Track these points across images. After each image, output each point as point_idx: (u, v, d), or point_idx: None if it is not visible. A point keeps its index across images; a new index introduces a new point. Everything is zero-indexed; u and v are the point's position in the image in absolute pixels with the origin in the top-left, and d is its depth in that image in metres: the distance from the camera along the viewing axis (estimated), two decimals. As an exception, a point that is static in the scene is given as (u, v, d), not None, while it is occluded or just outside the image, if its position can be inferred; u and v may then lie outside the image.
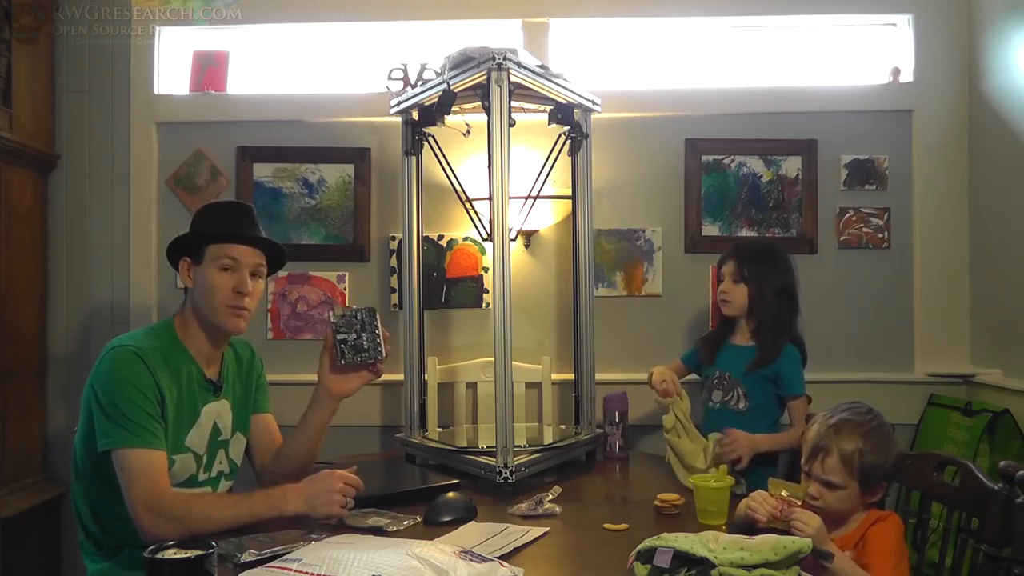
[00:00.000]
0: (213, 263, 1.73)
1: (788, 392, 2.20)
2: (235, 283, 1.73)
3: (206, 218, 1.80)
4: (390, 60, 2.81)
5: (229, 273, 1.73)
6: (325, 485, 1.60)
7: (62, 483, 2.75)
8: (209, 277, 1.72)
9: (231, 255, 1.73)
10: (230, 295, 1.72)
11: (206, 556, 1.10)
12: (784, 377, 2.18)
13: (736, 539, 1.26)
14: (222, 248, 1.73)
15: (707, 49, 2.93)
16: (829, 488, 1.53)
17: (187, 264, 1.76)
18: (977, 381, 2.69)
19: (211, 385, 1.78)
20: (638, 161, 2.84)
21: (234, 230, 1.75)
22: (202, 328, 1.76)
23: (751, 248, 2.31)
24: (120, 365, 1.63)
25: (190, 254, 1.76)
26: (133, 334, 1.76)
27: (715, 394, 2.27)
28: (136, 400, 1.60)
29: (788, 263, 2.27)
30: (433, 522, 1.64)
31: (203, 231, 1.76)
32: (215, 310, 1.73)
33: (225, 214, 1.81)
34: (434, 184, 2.64)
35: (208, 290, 1.72)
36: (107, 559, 1.71)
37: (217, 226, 1.76)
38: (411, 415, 2.45)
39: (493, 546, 1.45)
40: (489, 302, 2.79)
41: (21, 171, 2.65)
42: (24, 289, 2.67)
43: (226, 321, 1.74)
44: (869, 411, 1.60)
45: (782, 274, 2.24)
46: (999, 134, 2.61)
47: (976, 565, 1.51)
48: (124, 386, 1.60)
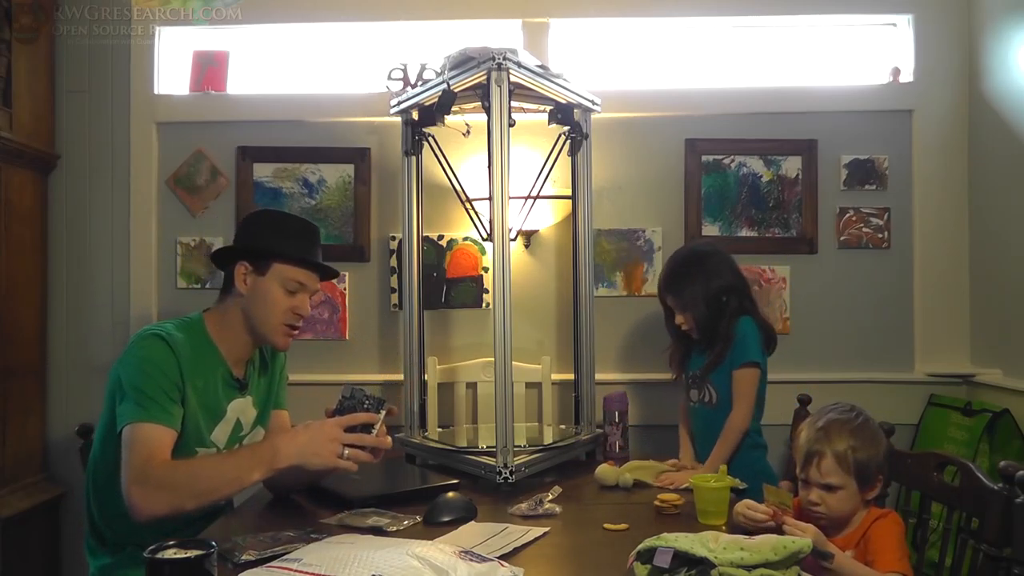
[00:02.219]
0: (279, 281, 1.72)
1: (735, 361, 2.13)
2: (296, 305, 1.74)
3: (279, 232, 1.76)
4: (390, 60, 2.81)
5: (292, 294, 1.73)
6: (319, 433, 1.52)
7: (62, 483, 2.76)
8: (271, 293, 1.72)
9: (300, 280, 1.74)
10: (289, 315, 1.74)
11: (206, 556, 1.09)
12: (734, 348, 2.14)
13: (736, 539, 1.26)
14: (293, 271, 1.73)
15: (707, 49, 2.93)
16: (829, 491, 1.54)
17: (246, 270, 1.73)
18: (977, 381, 2.69)
19: (237, 383, 1.77)
20: (638, 161, 2.84)
21: (310, 256, 1.75)
22: (246, 332, 1.75)
23: (668, 277, 2.24)
24: (146, 347, 1.62)
25: (251, 261, 1.73)
26: (163, 324, 1.73)
27: (692, 393, 2.28)
28: (155, 377, 1.59)
29: (708, 264, 2.20)
30: (433, 522, 1.64)
31: (280, 250, 1.73)
32: (270, 327, 1.73)
33: (301, 236, 1.78)
34: (434, 184, 2.64)
35: (268, 305, 1.72)
36: (110, 555, 1.71)
37: (293, 247, 1.74)
38: (411, 415, 2.45)
39: (493, 546, 1.45)
40: (489, 302, 2.79)
41: (21, 171, 2.65)
42: (24, 289, 2.67)
43: (278, 339, 1.75)
44: (852, 408, 1.62)
45: (705, 280, 2.17)
46: (999, 134, 2.61)
47: (976, 565, 1.51)
48: (145, 364, 1.60)
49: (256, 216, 1.87)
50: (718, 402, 2.19)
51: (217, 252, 1.81)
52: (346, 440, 1.53)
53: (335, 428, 1.54)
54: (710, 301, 2.17)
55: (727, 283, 2.19)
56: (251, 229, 1.79)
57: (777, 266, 2.82)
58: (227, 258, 1.78)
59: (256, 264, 1.73)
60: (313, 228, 1.85)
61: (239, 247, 1.77)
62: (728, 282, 2.20)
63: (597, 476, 1.99)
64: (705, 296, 2.17)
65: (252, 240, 1.76)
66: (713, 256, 2.25)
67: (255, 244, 1.74)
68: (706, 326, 2.18)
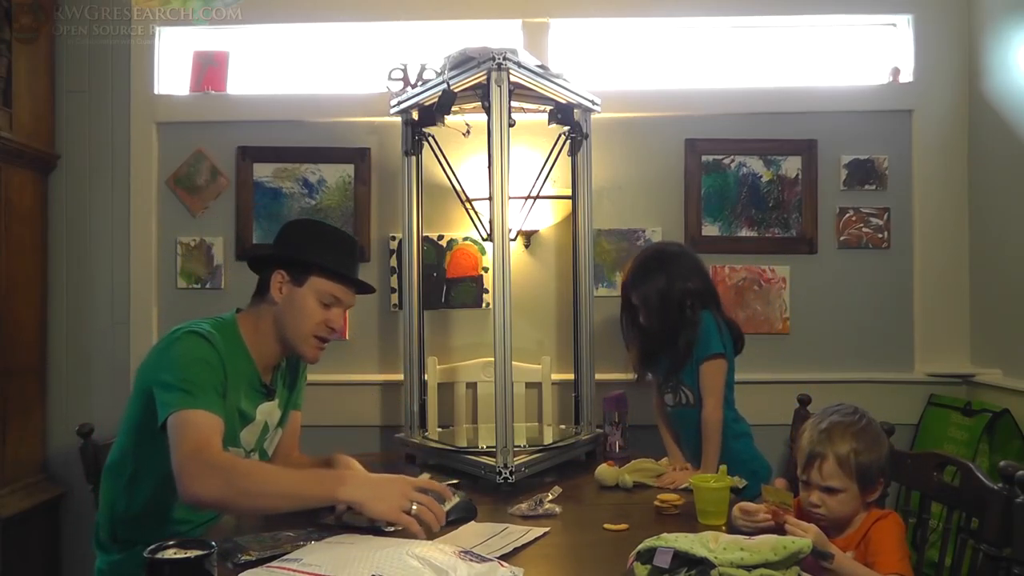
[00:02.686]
0: (316, 294, 1.71)
1: (699, 356, 2.11)
2: (329, 318, 1.72)
3: (319, 244, 1.74)
4: (390, 60, 2.81)
5: (327, 307, 1.72)
6: (393, 483, 1.48)
7: (62, 483, 2.76)
8: (307, 304, 1.70)
9: (337, 294, 1.72)
10: (322, 328, 1.72)
11: (206, 556, 1.09)
12: (698, 344, 2.11)
13: (736, 539, 1.26)
14: (331, 285, 1.72)
15: (707, 49, 2.93)
16: (830, 493, 1.53)
17: (283, 278, 1.71)
18: (977, 381, 2.69)
19: (265, 389, 1.76)
20: (638, 161, 2.84)
21: (349, 271, 1.74)
22: (276, 340, 1.74)
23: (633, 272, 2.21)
24: (189, 343, 1.60)
25: (289, 269, 1.71)
26: (199, 323, 1.69)
27: (667, 397, 2.25)
28: (201, 371, 1.56)
29: (675, 264, 2.17)
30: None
31: (319, 263, 1.71)
32: (301, 337, 1.71)
33: (341, 250, 1.76)
34: (434, 184, 2.64)
35: (302, 316, 1.70)
36: (119, 552, 1.70)
37: (332, 261, 1.72)
38: (411, 415, 2.45)
39: (493, 546, 1.45)
40: (489, 302, 2.79)
41: (21, 171, 2.65)
42: (24, 289, 2.67)
43: (308, 351, 1.74)
44: (856, 411, 1.61)
45: (669, 280, 2.14)
46: (999, 134, 2.61)
47: (976, 565, 1.51)
48: (190, 359, 1.57)
49: (297, 225, 1.86)
50: (696, 402, 2.16)
51: (255, 257, 1.80)
52: (416, 499, 1.47)
53: (409, 485, 1.49)
54: (671, 302, 2.13)
55: (694, 287, 2.16)
56: (291, 238, 1.77)
57: (777, 266, 2.82)
58: (264, 263, 1.76)
59: (293, 274, 1.71)
60: (352, 242, 1.84)
61: (278, 255, 1.74)
62: (694, 286, 2.16)
63: (597, 476, 1.99)
64: (667, 295, 2.13)
65: (292, 250, 1.74)
66: (681, 257, 2.21)
67: (295, 254, 1.72)
68: (663, 326, 2.15)
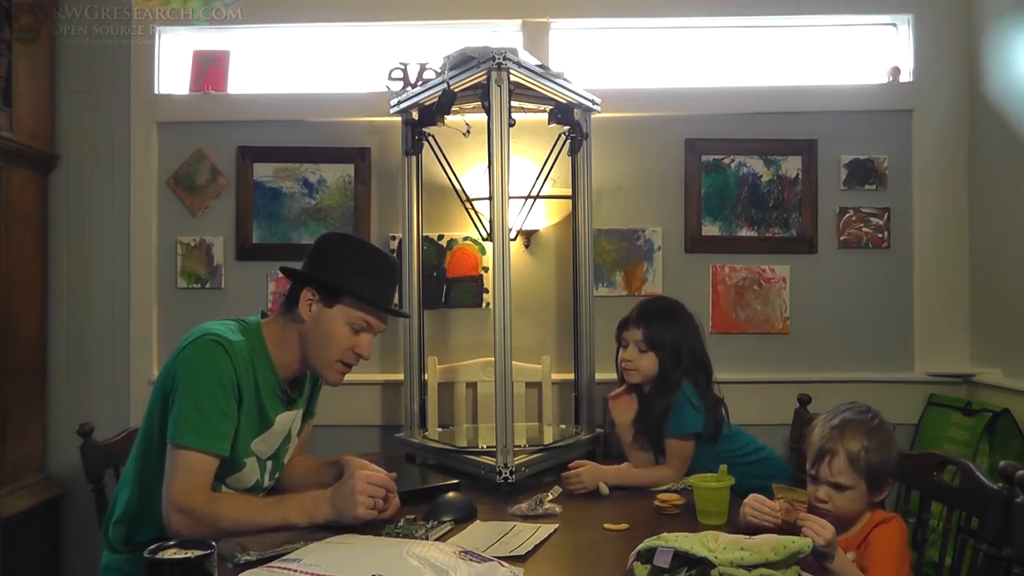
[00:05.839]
0: (346, 319, 1.64)
1: (668, 430, 2.02)
2: (357, 344, 1.66)
3: (357, 268, 1.66)
4: (390, 60, 2.81)
5: (356, 333, 1.66)
6: (347, 488, 1.54)
7: (62, 483, 2.76)
8: (336, 328, 1.64)
9: (370, 321, 1.66)
10: (348, 354, 1.66)
11: (206, 556, 1.09)
12: (670, 417, 2.03)
13: (736, 539, 1.26)
14: (363, 314, 1.65)
15: (707, 49, 2.93)
16: (838, 490, 1.53)
17: (312, 296, 1.64)
18: (977, 381, 2.69)
19: (286, 397, 1.72)
20: (638, 161, 2.84)
21: (384, 301, 1.68)
22: (298, 358, 1.68)
23: (656, 311, 2.14)
24: (205, 355, 1.56)
25: (319, 289, 1.64)
26: (225, 324, 1.65)
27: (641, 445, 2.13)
28: (215, 395, 1.54)
29: (690, 323, 2.14)
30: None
31: (353, 289, 1.64)
32: (325, 361, 1.66)
33: (380, 276, 1.68)
34: (434, 184, 2.64)
35: (329, 339, 1.64)
36: (129, 552, 1.69)
37: (369, 288, 1.65)
38: (411, 415, 2.46)
39: (511, 544, 1.46)
40: (489, 302, 2.79)
41: (21, 171, 2.65)
42: (24, 289, 2.67)
43: (330, 375, 1.68)
44: (868, 410, 1.61)
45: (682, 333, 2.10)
46: (999, 134, 2.61)
47: (976, 565, 1.51)
48: (206, 379, 1.54)
49: (335, 243, 1.72)
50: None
51: (289, 270, 1.72)
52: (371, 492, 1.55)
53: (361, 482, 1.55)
54: (675, 355, 2.07)
55: (694, 351, 2.10)
56: (328, 260, 1.67)
57: (777, 266, 2.82)
58: (295, 275, 1.69)
59: (324, 293, 1.64)
60: (392, 267, 1.74)
61: (311, 274, 1.67)
62: (695, 350, 2.11)
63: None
64: (676, 346, 2.08)
65: (327, 273, 1.65)
66: (692, 319, 2.16)
67: (329, 279, 1.64)
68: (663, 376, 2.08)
